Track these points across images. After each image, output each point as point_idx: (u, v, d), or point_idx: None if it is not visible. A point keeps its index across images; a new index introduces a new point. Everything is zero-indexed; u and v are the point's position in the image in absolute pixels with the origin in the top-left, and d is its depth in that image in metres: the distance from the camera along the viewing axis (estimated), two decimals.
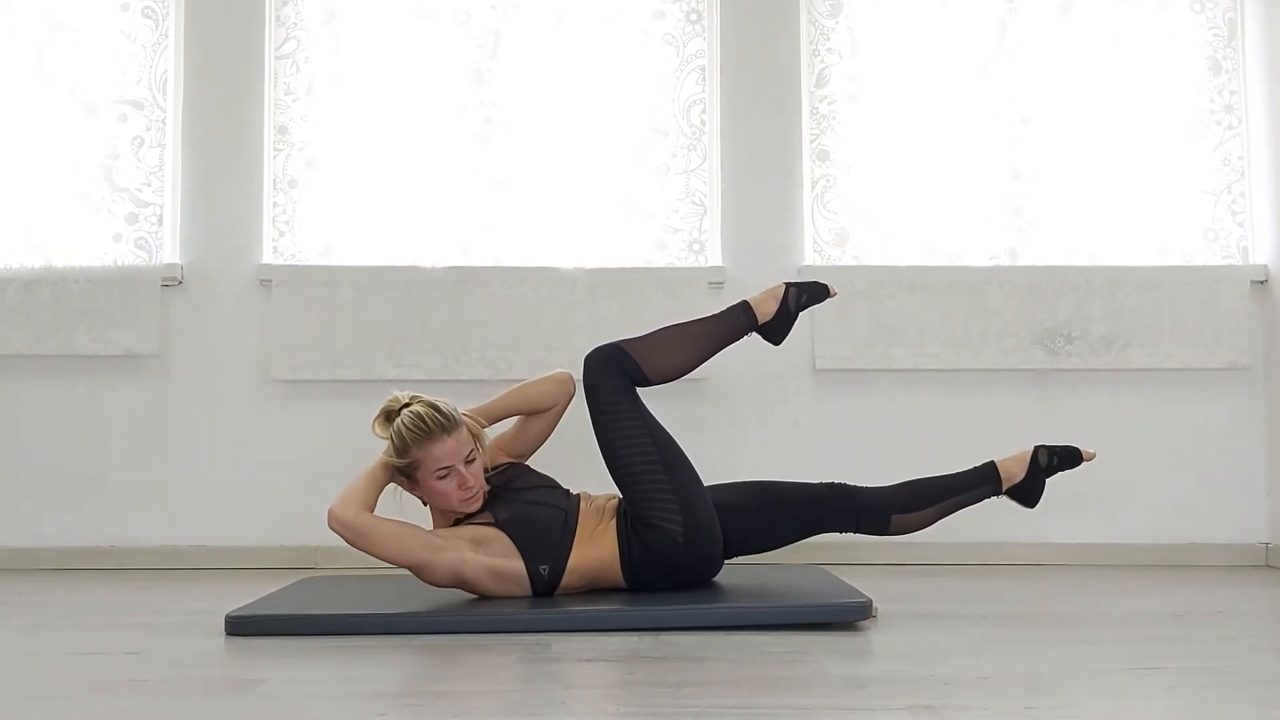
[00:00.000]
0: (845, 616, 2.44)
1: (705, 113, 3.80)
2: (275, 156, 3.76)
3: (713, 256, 3.76)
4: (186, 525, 3.63)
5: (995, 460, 2.80)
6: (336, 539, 3.60)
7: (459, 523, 2.63)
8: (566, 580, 2.58)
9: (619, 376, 2.68)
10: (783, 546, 2.77)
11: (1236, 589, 3.12)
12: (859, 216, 3.79)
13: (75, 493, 3.64)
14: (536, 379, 2.86)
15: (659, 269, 3.72)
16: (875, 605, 2.47)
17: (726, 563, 2.75)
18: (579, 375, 2.77)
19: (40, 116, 3.75)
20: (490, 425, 2.76)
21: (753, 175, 3.75)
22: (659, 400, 3.33)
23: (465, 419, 2.63)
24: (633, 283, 3.69)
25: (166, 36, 3.77)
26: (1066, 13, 3.83)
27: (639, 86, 3.81)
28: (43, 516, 3.63)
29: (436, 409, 2.57)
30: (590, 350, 2.73)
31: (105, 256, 3.71)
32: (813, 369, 3.71)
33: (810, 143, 3.80)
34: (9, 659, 2.20)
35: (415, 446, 2.54)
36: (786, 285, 2.83)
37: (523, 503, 2.65)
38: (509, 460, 2.83)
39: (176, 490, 3.65)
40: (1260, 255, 3.76)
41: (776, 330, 2.82)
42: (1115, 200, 3.79)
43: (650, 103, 3.80)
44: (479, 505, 2.63)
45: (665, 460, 2.62)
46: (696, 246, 3.77)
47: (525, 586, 2.56)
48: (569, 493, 2.74)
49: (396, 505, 2.66)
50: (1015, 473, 2.77)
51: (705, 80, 3.81)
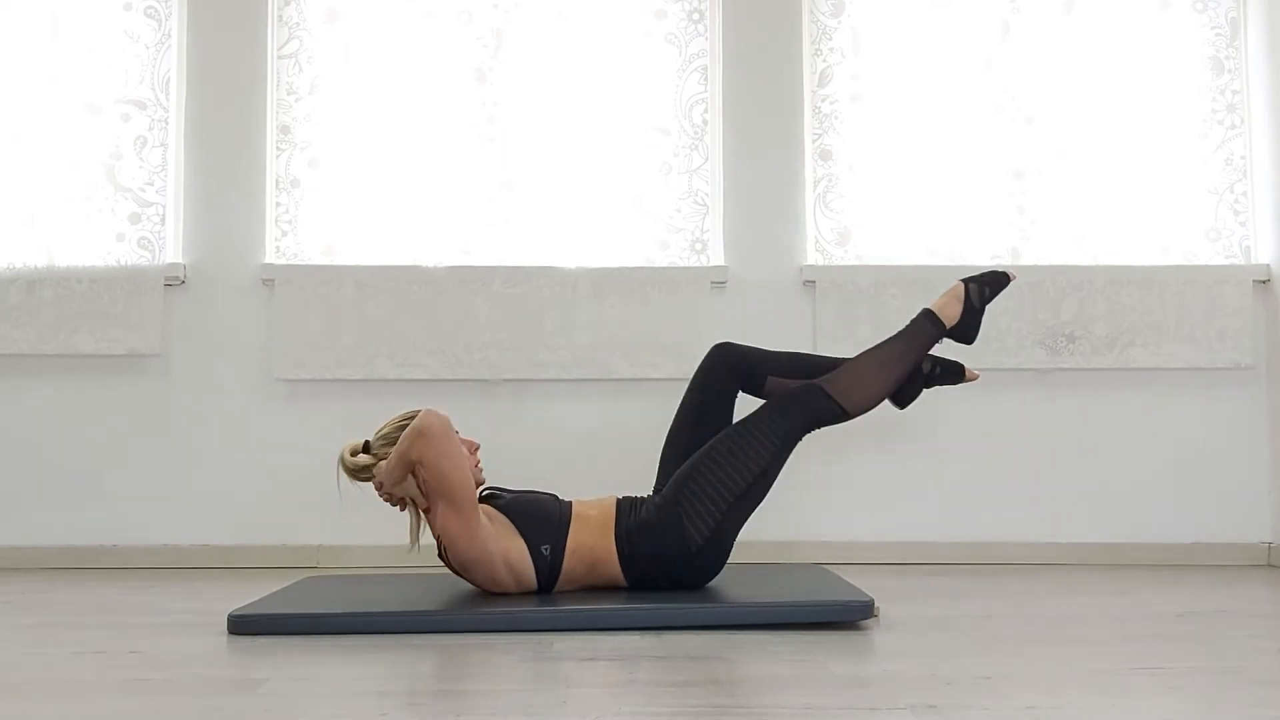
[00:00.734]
0: (848, 616, 2.44)
1: (707, 112, 3.80)
2: (278, 156, 3.77)
3: (715, 256, 3.76)
4: (189, 524, 3.64)
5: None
6: (338, 539, 3.63)
7: None
8: (568, 563, 2.58)
9: (807, 422, 2.67)
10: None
11: (1239, 588, 3.11)
12: (861, 216, 3.79)
13: (78, 492, 3.65)
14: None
15: (661, 268, 3.72)
16: (877, 605, 2.47)
17: (727, 562, 2.75)
18: (578, 375, 2.75)
19: (43, 116, 3.75)
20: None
21: (755, 174, 3.76)
22: (662, 400, 3.33)
23: None
24: (635, 282, 3.69)
25: (169, 36, 3.77)
26: (1068, 12, 3.83)
27: (641, 86, 3.81)
28: (45, 515, 3.63)
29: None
30: (795, 385, 2.71)
31: (108, 256, 3.72)
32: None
33: (812, 142, 3.80)
34: (11, 658, 2.20)
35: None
36: (965, 283, 2.80)
37: (517, 493, 2.71)
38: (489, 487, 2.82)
39: (179, 490, 3.65)
40: (1262, 254, 3.75)
41: (968, 330, 2.79)
42: (1117, 199, 3.79)
43: (652, 102, 3.80)
44: (483, 475, 2.66)
45: (748, 494, 2.63)
46: (699, 246, 3.77)
47: (529, 570, 2.56)
48: (558, 496, 2.76)
49: (395, 513, 2.66)
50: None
51: (707, 79, 3.81)
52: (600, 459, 3.50)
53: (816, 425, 2.71)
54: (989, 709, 1.72)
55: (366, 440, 2.68)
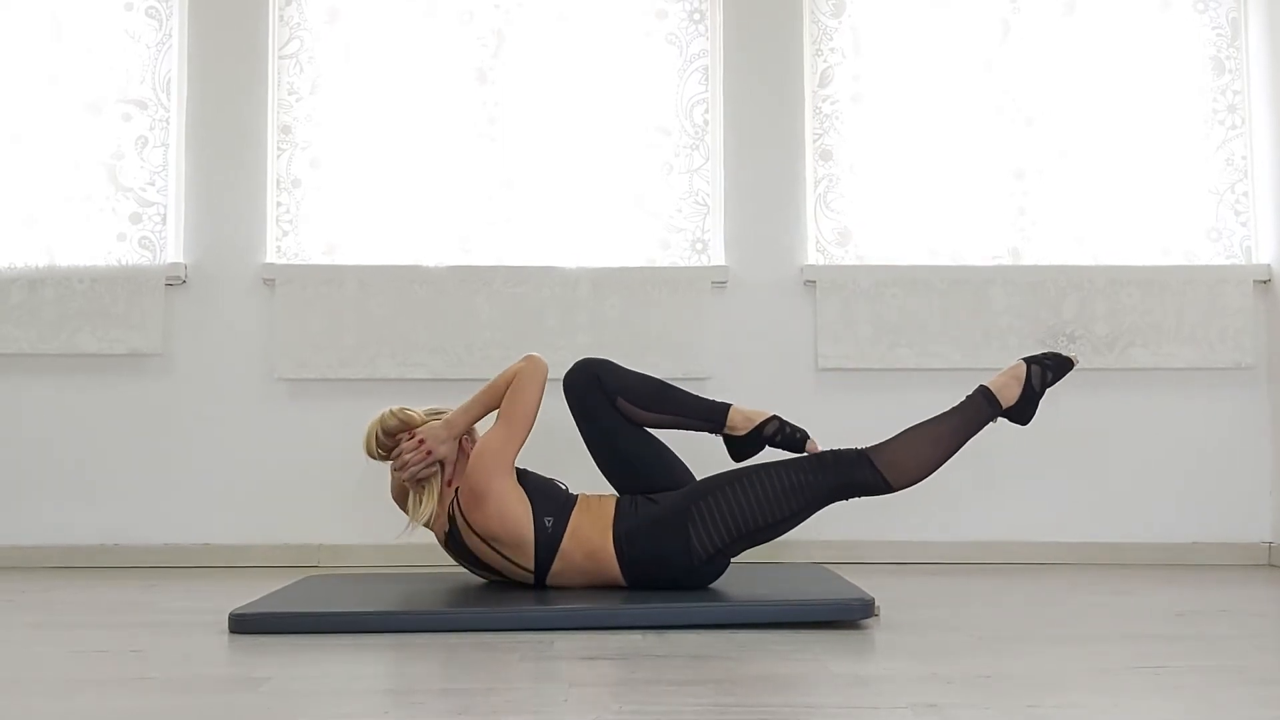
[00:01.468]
0: (848, 615, 2.44)
1: (708, 112, 3.80)
2: (279, 156, 3.77)
3: (716, 256, 3.76)
4: (190, 524, 3.64)
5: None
6: (340, 538, 3.63)
7: None
8: (567, 543, 2.60)
9: (845, 489, 2.63)
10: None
11: (1239, 588, 3.12)
12: (862, 216, 3.79)
13: (79, 491, 3.65)
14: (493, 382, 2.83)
15: (662, 268, 3.72)
16: (878, 604, 2.47)
17: (730, 561, 2.75)
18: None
19: (44, 116, 3.75)
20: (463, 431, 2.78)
21: (756, 175, 3.76)
22: None
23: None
24: (636, 282, 3.70)
25: (170, 36, 3.77)
26: (1069, 12, 3.83)
27: (642, 86, 3.81)
28: (47, 515, 3.64)
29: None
30: (842, 451, 2.66)
31: (109, 256, 3.72)
32: (816, 368, 3.71)
33: (813, 142, 3.80)
34: (13, 657, 2.20)
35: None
36: (1027, 363, 2.71)
37: (527, 472, 2.75)
38: None
39: (180, 489, 3.66)
40: (1263, 254, 3.75)
41: (1024, 412, 2.71)
42: (1118, 200, 3.79)
43: (653, 102, 3.80)
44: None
45: (761, 532, 2.62)
46: (700, 246, 3.77)
47: (530, 533, 2.59)
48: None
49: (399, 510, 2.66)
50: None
51: (708, 80, 3.81)
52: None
53: (855, 493, 2.65)
54: (989, 708, 1.72)
55: None
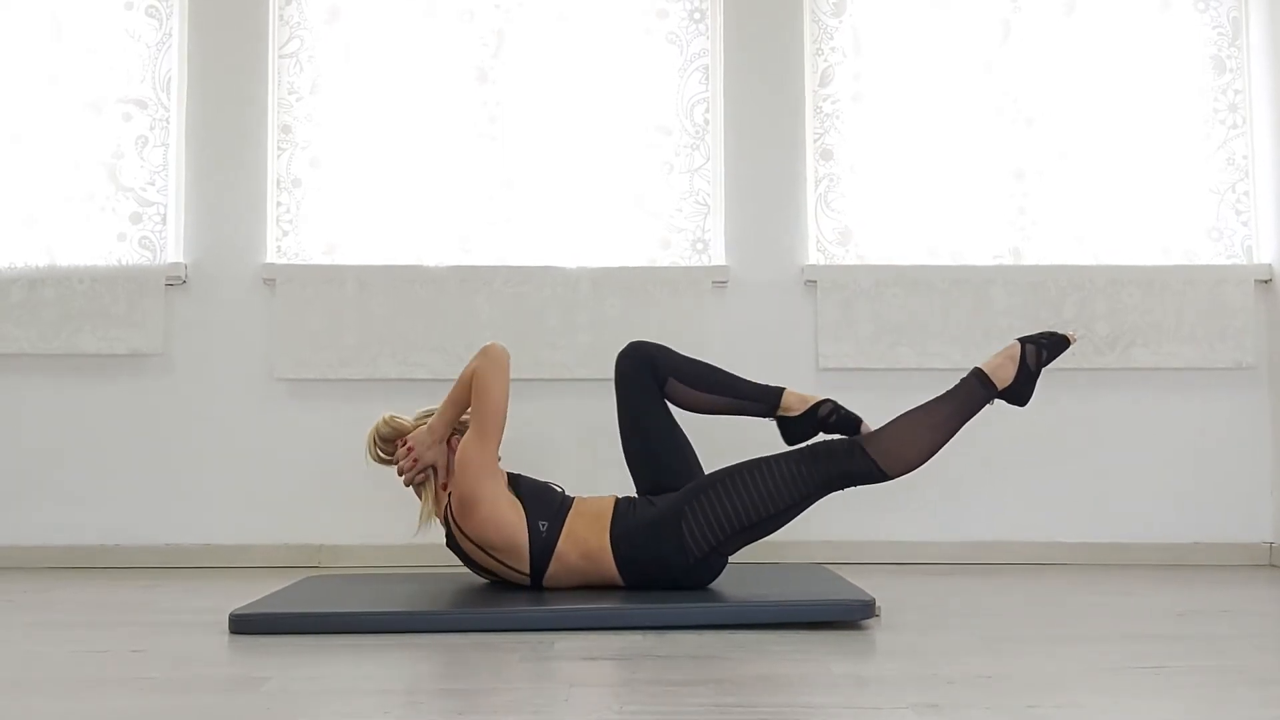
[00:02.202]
0: (848, 615, 2.44)
1: (709, 112, 3.80)
2: (279, 155, 3.77)
3: (716, 255, 3.76)
4: (191, 524, 3.64)
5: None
6: (341, 539, 3.63)
7: None
8: (562, 546, 2.60)
9: (838, 479, 2.62)
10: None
11: (1240, 588, 3.11)
12: (862, 215, 3.79)
13: (79, 491, 3.65)
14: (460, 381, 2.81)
15: (663, 268, 3.72)
16: (878, 604, 2.47)
17: (729, 561, 2.74)
18: (580, 374, 2.77)
19: (44, 115, 3.75)
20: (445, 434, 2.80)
21: (756, 174, 3.76)
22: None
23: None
24: (636, 282, 3.70)
25: (170, 36, 3.77)
26: (1070, 13, 3.83)
27: (642, 86, 3.81)
28: (47, 515, 3.64)
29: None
30: (835, 441, 2.66)
31: (109, 255, 3.72)
32: (816, 368, 3.71)
33: (814, 142, 3.80)
34: (14, 657, 2.20)
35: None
36: (1021, 343, 2.71)
37: (520, 477, 2.75)
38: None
39: (180, 489, 3.66)
40: (1264, 254, 3.75)
41: (1021, 393, 2.70)
42: (1119, 199, 3.79)
43: (654, 102, 3.80)
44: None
45: (755, 528, 2.61)
46: (700, 245, 3.77)
47: (524, 537, 2.59)
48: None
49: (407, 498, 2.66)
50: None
51: (709, 79, 3.81)
52: (600, 458, 3.50)
53: (850, 483, 2.63)
54: (990, 708, 1.72)
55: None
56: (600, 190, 3.78)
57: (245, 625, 2.39)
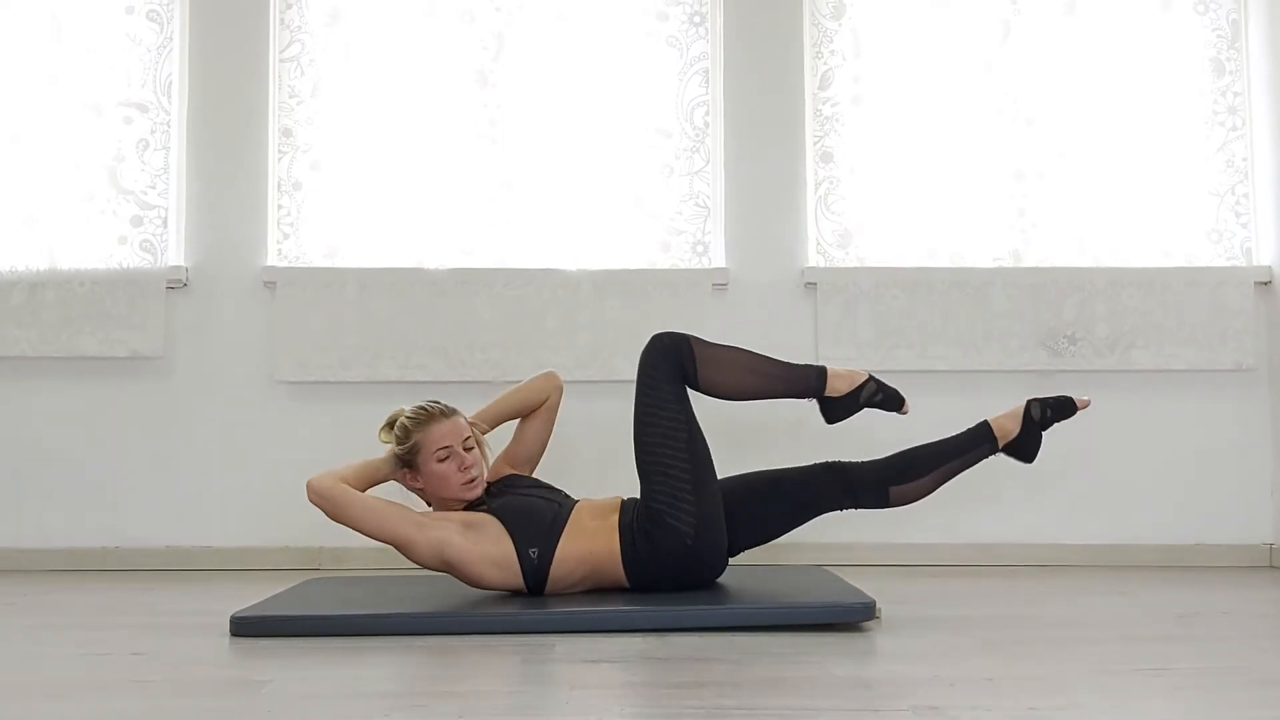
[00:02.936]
0: (849, 617, 2.44)
1: (709, 114, 3.80)
2: (280, 159, 3.77)
3: (716, 258, 3.76)
4: (191, 526, 3.64)
5: (989, 419, 2.78)
6: (341, 540, 3.62)
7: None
8: (558, 570, 2.58)
9: (677, 369, 2.65)
10: (786, 532, 2.75)
11: (1241, 590, 3.11)
12: (862, 218, 3.79)
13: (80, 494, 3.65)
14: (525, 381, 2.91)
15: (663, 270, 3.72)
16: (879, 606, 2.47)
17: (730, 563, 2.75)
18: (580, 376, 2.77)
19: (46, 119, 3.76)
20: (489, 430, 2.81)
21: (756, 177, 3.76)
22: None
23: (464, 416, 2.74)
24: (636, 284, 3.70)
25: (171, 39, 3.77)
26: (1069, 14, 3.83)
27: (642, 89, 3.81)
28: (48, 517, 3.64)
29: (435, 400, 2.72)
30: (658, 333, 2.70)
31: (110, 259, 3.72)
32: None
33: (813, 144, 3.80)
34: (14, 659, 2.20)
35: (416, 430, 2.65)
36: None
37: (516, 494, 2.70)
38: (512, 471, 2.86)
39: (181, 491, 3.66)
40: (1264, 256, 3.75)
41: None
42: (1119, 201, 3.79)
43: (654, 105, 3.81)
44: (480, 491, 2.68)
45: (695, 462, 2.62)
46: (700, 248, 3.77)
47: (516, 573, 2.57)
48: (568, 496, 2.76)
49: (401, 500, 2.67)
50: (1010, 429, 2.76)
51: (709, 82, 3.81)
52: (602, 460, 3.50)
53: (684, 378, 2.65)
54: (991, 710, 1.72)
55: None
56: (600, 193, 3.78)
57: (246, 628, 2.39)
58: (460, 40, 3.80)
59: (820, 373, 2.74)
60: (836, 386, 2.74)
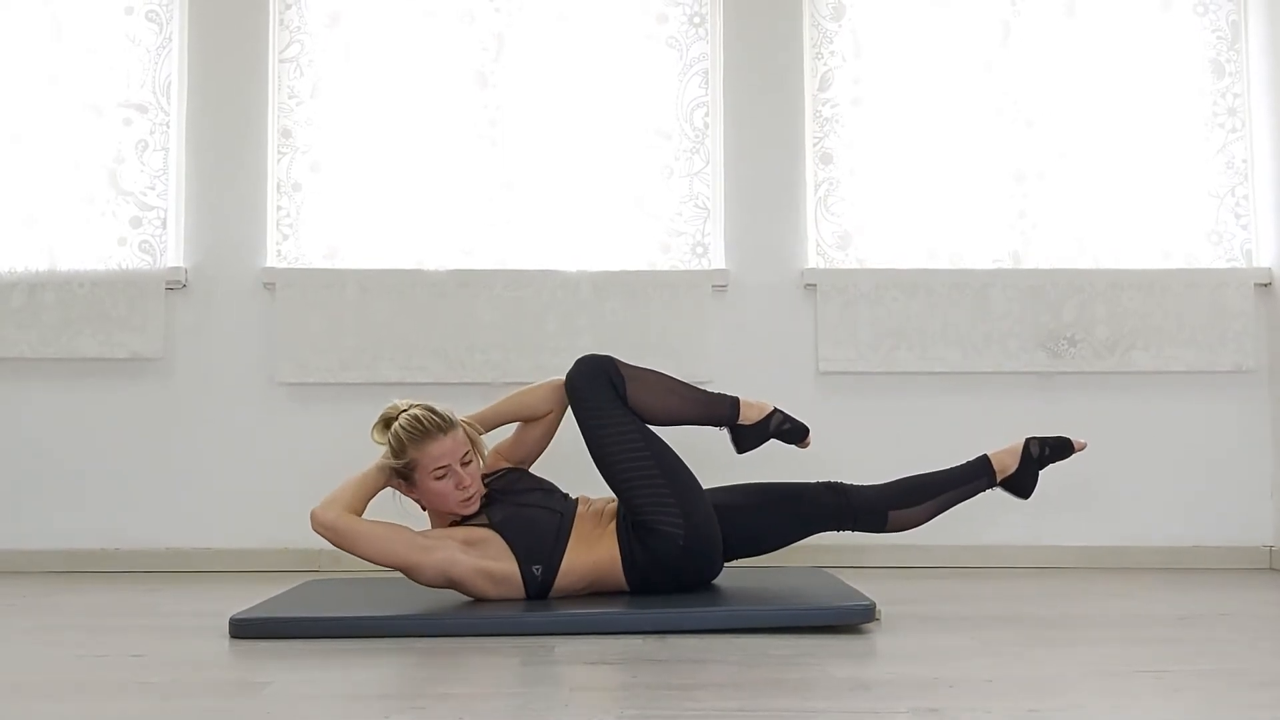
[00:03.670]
0: (849, 619, 2.44)
1: (708, 116, 3.80)
2: (279, 160, 3.77)
3: (716, 259, 3.76)
4: (191, 528, 3.64)
5: (988, 454, 2.84)
6: None
7: (455, 525, 2.64)
8: (561, 582, 2.58)
9: (608, 386, 2.65)
10: (782, 546, 2.77)
11: (1241, 591, 3.11)
12: (862, 219, 3.79)
13: (80, 495, 3.65)
14: (532, 385, 2.81)
15: (662, 271, 3.72)
16: (879, 608, 2.47)
17: (728, 565, 2.75)
18: None
19: (45, 119, 3.76)
20: (487, 431, 2.76)
21: (756, 178, 3.76)
22: None
23: (462, 423, 2.65)
24: (636, 285, 3.70)
25: (170, 40, 3.77)
26: (1069, 15, 3.83)
27: (642, 90, 3.81)
28: (47, 519, 3.64)
29: (433, 411, 2.61)
30: (580, 358, 2.71)
31: (110, 260, 3.72)
32: (816, 372, 3.71)
33: (813, 146, 3.80)
34: (14, 661, 2.20)
35: (412, 447, 2.56)
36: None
37: (517, 505, 2.66)
38: (508, 465, 2.83)
39: (181, 493, 3.66)
40: (1264, 258, 3.76)
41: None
42: (1119, 203, 3.79)
43: (653, 106, 3.81)
44: (476, 507, 2.64)
45: (661, 465, 2.62)
46: (700, 249, 3.77)
47: (519, 588, 2.57)
48: (567, 496, 2.75)
49: (398, 509, 2.66)
50: (1008, 465, 2.82)
51: (708, 83, 3.81)
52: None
53: (616, 393, 2.64)
54: (991, 712, 1.72)
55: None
56: (600, 194, 3.78)
57: (245, 630, 2.39)
58: (460, 41, 3.80)
59: (734, 401, 2.77)
60: (748, 415, 2.77)
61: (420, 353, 3.67)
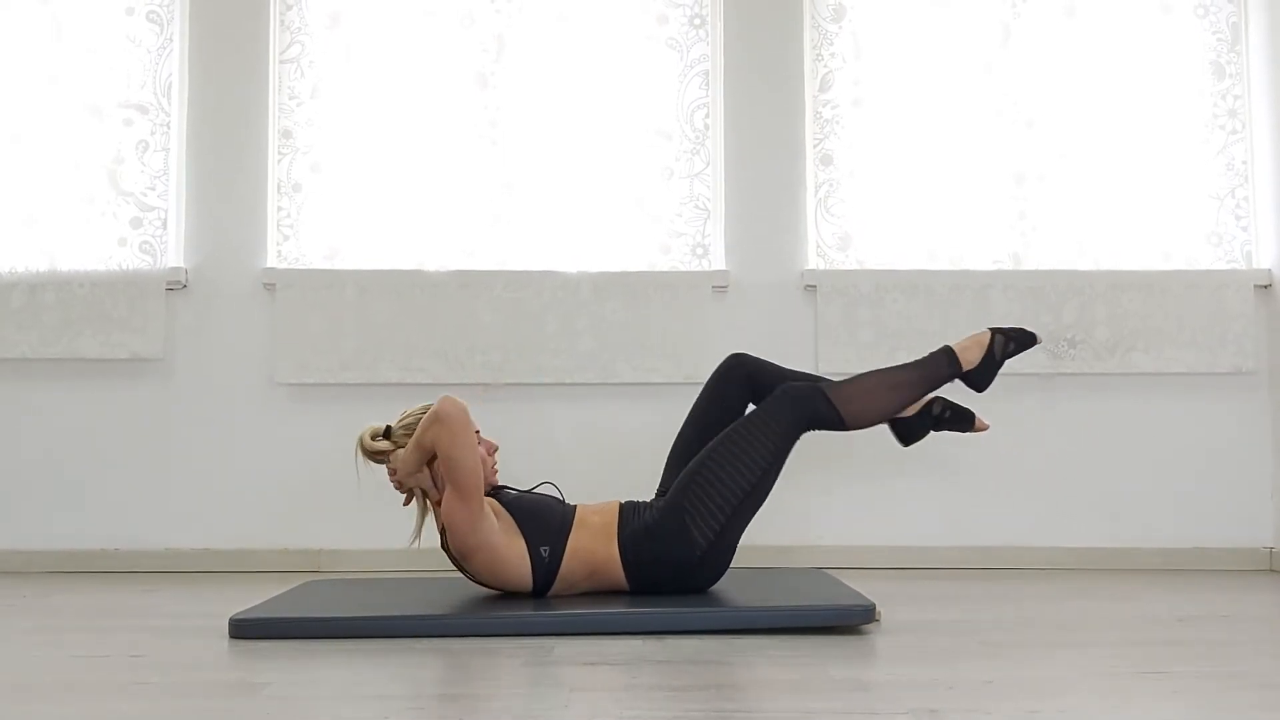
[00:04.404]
0: (849, 620, 2.44)
1: (709, 117, 3.80)
2: (279, 160, 3.77)
3: (716, 260, 3.76)
4: (190, 528, 3.64)
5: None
6: (341, 543, 3.63)
7: None
8: (566, 566, 2.59)
9: (804, 421, 2.65)
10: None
11: (1241, 593, 3.11)
12: (862, 220, 3.79)
13: (80, 496, 3.65)
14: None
15: (663, 273, 3.72)
16: (879, 609, 2.47)
17: (730, 565, 2.75)
18: (579, 379, 2.76)
19: (46, 120, 3.76)
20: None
21: (756, 179, 3.76)
22: (663, 404, 3.35)
23: None
24: (636, 286, 3.70)
25: (171, 41, 3.78)
26: (1070, 16, 3.83)
27: (643, 91, 3.81)
28: (47, 519, 3.64)
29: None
30: (794, 384, 2.70)
31: (110, 260, 3.72)
32: (817, 373, 3.70)
33: (813, 147, 3.80)
34: (14, 661, 2.20)
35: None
36: (992, 331, 2.81)
37: (522, 493, 2.73)
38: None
39: (181, 493, 3.66)
40: (1264, 259, 3.76)
41: (982, 377, 2.80)
42: (1119, 204, 3.79)
43: (654, 107, 3.81)
44: (497, 477, 2.73)
45: (752, 495, 2.62)
46: (700, 250, 3.77)
47: (526, 569, 2.57)
48: (564, 501, 2.76)
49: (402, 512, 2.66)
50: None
51: (709, 84, 3.81)
52: (601, 463, 3.50)
53: (812, 427, 2.69)
54: (990, 713, 1.72)
55: (388, 425, 2.70)
56: (600, 195, 3.78)
57: (245, 630, 2.38)
58: (460, 42, 3.80)
59: (949, 355, 2.78)
60: (970, 359, 2.78)
61: (420, 353, 3.67)
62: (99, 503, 3.65)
